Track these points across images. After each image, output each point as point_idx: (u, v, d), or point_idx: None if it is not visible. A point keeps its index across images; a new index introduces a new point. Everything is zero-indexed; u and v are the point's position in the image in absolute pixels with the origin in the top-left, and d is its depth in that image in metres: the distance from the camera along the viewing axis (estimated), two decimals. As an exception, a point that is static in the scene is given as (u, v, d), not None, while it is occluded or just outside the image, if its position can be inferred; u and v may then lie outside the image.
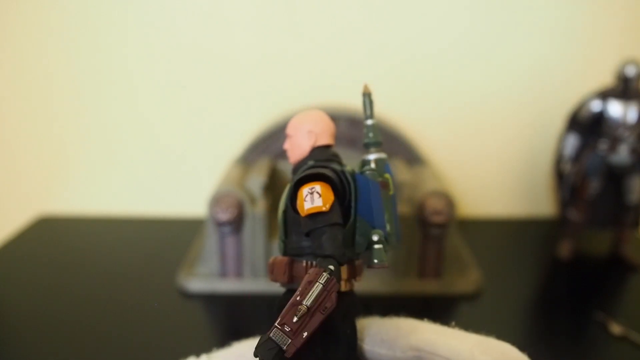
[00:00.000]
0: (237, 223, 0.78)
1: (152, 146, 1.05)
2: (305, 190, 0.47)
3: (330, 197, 0.47)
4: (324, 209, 0.46)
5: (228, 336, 0.60)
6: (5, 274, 0.85)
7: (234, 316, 0.77)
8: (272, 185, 0.85)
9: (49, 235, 1.00)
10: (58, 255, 0.91)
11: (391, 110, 1.01)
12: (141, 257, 0.91)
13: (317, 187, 0.47)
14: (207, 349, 0.58)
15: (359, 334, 0.51)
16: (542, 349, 0.65)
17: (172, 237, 0.98)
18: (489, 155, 1.07)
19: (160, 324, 0.72)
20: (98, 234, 1.01)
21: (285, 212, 0.51)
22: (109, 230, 1.02)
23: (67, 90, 1.02)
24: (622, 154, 0.85)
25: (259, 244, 0.79)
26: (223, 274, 0.81)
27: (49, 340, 0.68)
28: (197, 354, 0.58)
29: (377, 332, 0.55)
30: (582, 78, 0.99)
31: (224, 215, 0.76)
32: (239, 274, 0.81)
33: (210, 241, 0.81)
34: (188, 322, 0.73)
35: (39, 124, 1.04)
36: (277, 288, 0.51)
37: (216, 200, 0.77)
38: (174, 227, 1.03)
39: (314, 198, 0.46)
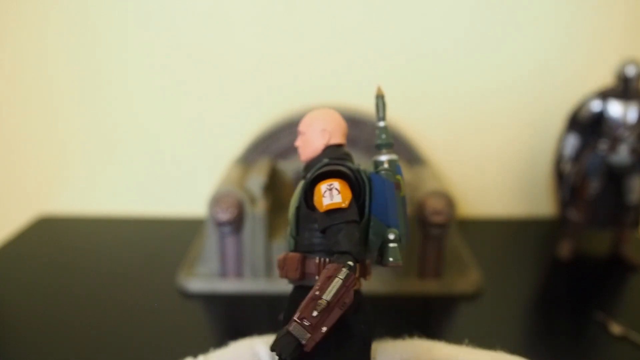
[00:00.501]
0: (237, 223, 0.78)
1: (152, 146, 1.05)
2: (323, 186, 0.47)
3: (349, 194, 0.47)
4: (343, 205, 0.46)
5: (228, 336, 0.60)
6: (5, 274, 0.85)
7: (234, 316, 0.77)
8: (272, 185, 0.85)
9: (49, 235, 1.00)
10: (58, 255, 0.91)
11: (391, 110, 0.99)
12: (141, 257, 0.91)
13: (336, 183, 0.47)
14: (207, 349, 0.58)
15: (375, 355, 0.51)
16: (542, 349, 0.65)
17: (172, 237, 0.98)
18: (489, 155, 1.06)
19: (160, 324, 0.72)
20: (98, 234, 1.01)
21: (298, 208, 0.50)
22: (109, 230, 1.02)
23: (67, 91, 1.02)
24: (622, 154, 0.85)
25: (259, 244, 0.79)
26: (223, 274, 0.81)
27: (49, 340, 0.68)
28: (195, 355, 0.58)
29: (393, 352, 0.55)
30: (582, 78, 0.99)
31: (224, 215, 0.76)
32: (239, 274, 0.81)
33: (210, 241, 0.81)
34: (188, 322, 0.73)
35: (39, 124, 1.04)
36: (277, 288, 0.51)
37: (216, 200, 0.77)
38: (174, 227, 1.03)
39: (333, 194, 0.46)
